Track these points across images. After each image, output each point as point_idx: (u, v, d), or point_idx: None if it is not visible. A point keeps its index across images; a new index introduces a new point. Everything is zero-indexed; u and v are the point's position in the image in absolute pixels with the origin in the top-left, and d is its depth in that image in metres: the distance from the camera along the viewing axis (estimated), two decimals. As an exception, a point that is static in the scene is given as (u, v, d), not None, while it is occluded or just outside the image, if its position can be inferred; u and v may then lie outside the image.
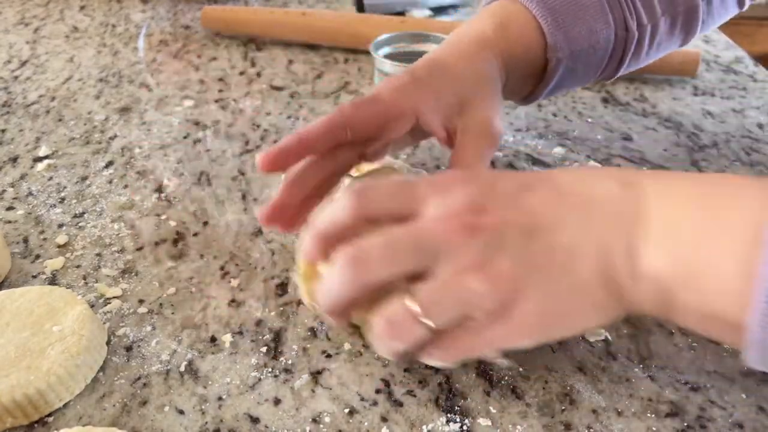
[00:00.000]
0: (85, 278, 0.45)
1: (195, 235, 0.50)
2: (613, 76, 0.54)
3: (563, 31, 0.49)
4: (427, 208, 0.33)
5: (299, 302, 0.44)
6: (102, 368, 0.39)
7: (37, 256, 0.47)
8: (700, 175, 0.46)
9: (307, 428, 0.36)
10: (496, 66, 0.47)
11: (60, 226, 0.50)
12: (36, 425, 0.36)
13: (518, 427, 0.36)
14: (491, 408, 0.37)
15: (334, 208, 0.35)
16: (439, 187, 0.34)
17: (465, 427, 0.36)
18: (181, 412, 0.37)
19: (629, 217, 0.32)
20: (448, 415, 0.36)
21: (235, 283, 0.45)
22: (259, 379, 0.38)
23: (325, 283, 0.35)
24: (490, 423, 0.36)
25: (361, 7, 0.89)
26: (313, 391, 0.38)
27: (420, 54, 0.75)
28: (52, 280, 0.45)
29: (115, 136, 0.63)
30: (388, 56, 0.72)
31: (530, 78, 0.51)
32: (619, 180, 0.33)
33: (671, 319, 0.32)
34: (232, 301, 0.44)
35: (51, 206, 0.53)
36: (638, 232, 0.31)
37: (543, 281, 0.32)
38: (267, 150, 0.40)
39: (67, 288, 0.43)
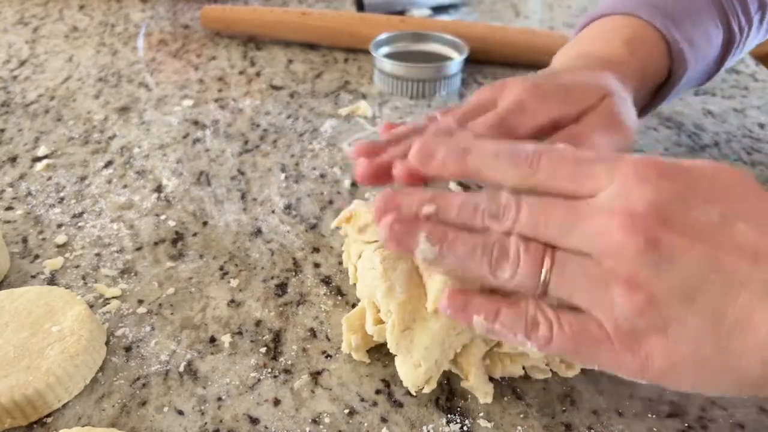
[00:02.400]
0: (84, 278, 0.45)
1: (194, 235, 0.50)
2: (706, 82, 0.53)
3: (687, 40, 0.47)
4: (603, 192, 0.29)
5: (299, 302, 0.44)
6: (101, 369, 0.39)
7: (36, 256, 0.47)
8: None
9: (307, 429, 0.36)
10: (627, 86, 0.45)
11: (59, 226, 0.50)
12: (35, 426, 0.36)
13: (519, 427, 0.36)
14: (491, 408, 0.37)
15: (498, 158, 0.31)
16: (627, 173, 0.29)
17: (465, 428, 0.36)
18: (181, 412, 0.36)
19: None
20: (449, 415, 0.36)
21: (234, 283, 0.45)
22: (259, 380, 0.38)
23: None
24: (490, 424, 0.36)
25: (360, 7, 0.89)
26: (313, 391, 0.38)
27: (420, 53, 0.75)
28: (51, 280, 0.45)
29: (115, 135, 0.62)
30: (388, 55, 0.72)
31: (648, 94, 0.49)
32: None
33: None
34: (232, 301, 0.44)
35: (50, 206, 0.53)
36: None
37: (696, 330, 0.27)
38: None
39: (66, 288, 0.43)
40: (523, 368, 0.38)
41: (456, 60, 0.70)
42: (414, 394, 0.37)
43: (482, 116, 0.40)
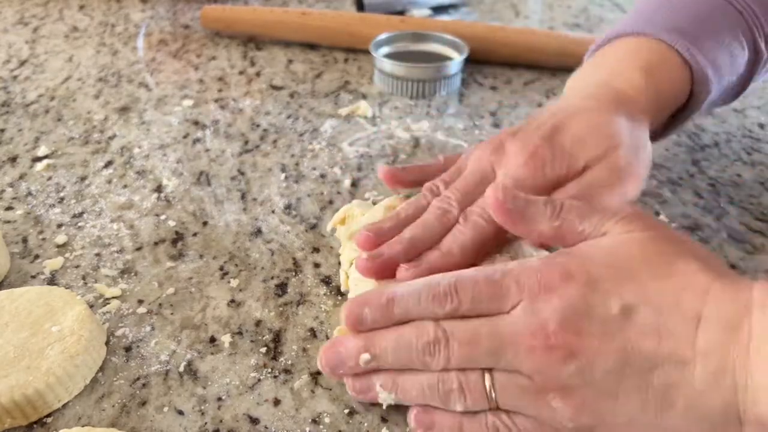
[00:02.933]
0: (84, 278, 0.45)
1: (194, 235, 0.50)
2: (732, 101, 0.52)
3: (711, 62, 0.45)
4: (516, 309, 0.32)
5: (299, 302, 0.44)
6: (101, 369, 0.39)
7: (36, 256, 0.47)
8: None
9: (307, 429, 0.36)
10: (641, 124, 0.44)
11: (59, 226, 0.50)
12: (35, 426, 0.36)
13: (519, 427, 0.36)
14: (491, 408, 0.37)
15: (420, 301, 0.34)
16: (533, 286, 0.32)
17: (465, 428, 0.36)
18: (181, 412, 0.36)
19: (738, 362, 0.29)
20: (449, 415, 0.36)
21: (234, 283, 0.45)
22: (259, 380, 0.38)
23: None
24: (490, 423, 0.36)
25: (360, 7, 0.89)
26: (313, 391, 0.38)
27: (420, 53, 0.75)
28: (51, 280, 0.45)
29: (115, 135, 0.62)
30: (388, 56, 0.72)
31: (666, 119, 0.48)
32: (728, 299, 0.30)
33: None
34: (232, 301, 0.44)
35: (50, 206, 0.53)
36: (743, 377, 0.28)
37: (629, 416, 0.30)
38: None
39: (66, 288, 0.43)
40: None
41: (456, 60, 0.70)
42: None
43: (482, 200, 0.40)
